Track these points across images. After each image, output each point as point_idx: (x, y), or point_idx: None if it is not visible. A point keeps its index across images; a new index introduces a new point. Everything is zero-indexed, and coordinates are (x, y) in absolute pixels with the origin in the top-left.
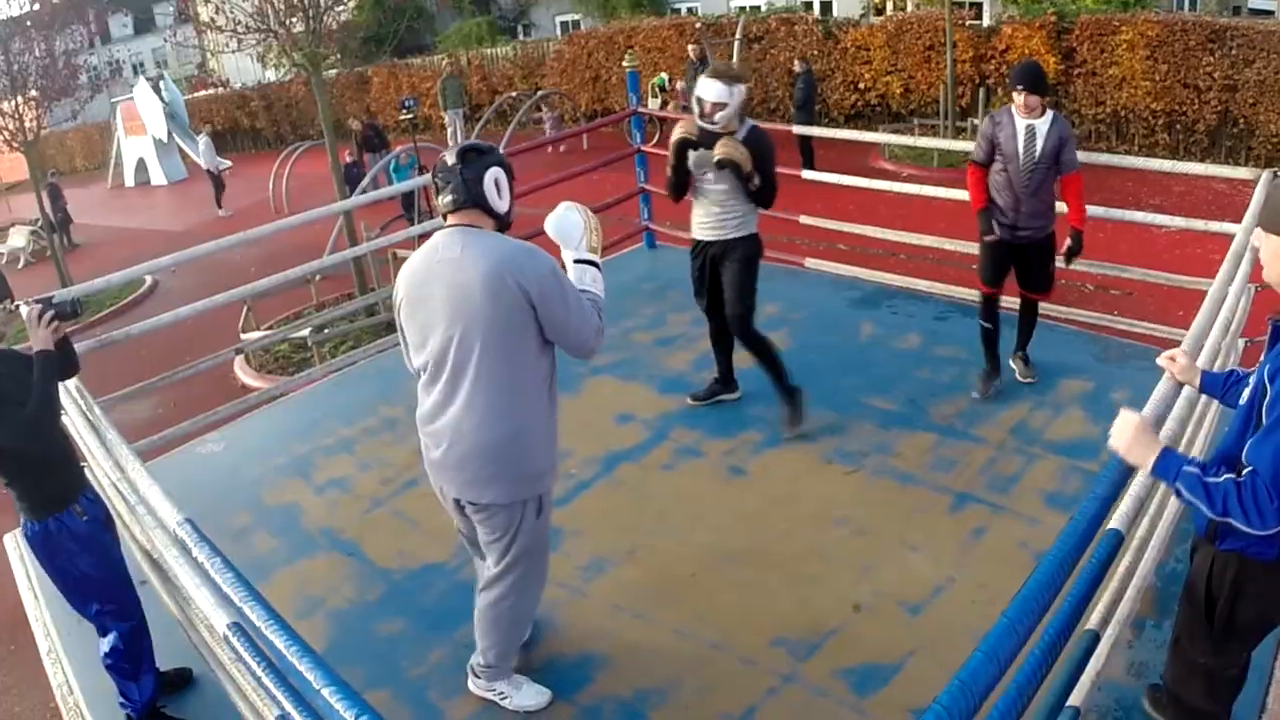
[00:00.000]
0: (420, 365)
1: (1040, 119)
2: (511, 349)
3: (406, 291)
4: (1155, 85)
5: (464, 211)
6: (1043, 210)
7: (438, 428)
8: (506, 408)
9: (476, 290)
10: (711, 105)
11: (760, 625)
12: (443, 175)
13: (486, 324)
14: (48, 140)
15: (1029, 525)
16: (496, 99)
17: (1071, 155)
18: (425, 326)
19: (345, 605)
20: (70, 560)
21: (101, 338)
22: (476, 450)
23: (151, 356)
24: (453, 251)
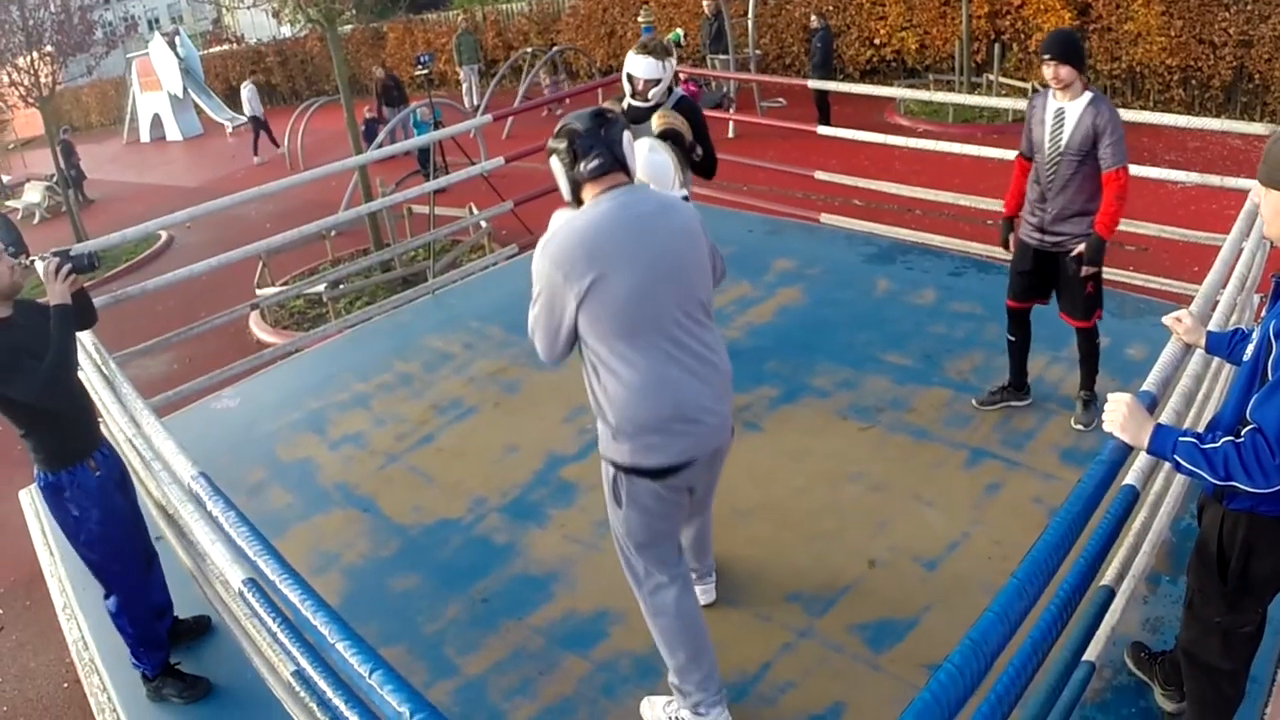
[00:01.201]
0: (622, 324)
1: (1073, 100)
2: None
3: (599, 253)
4: (1170, 41)
5: (611, 175)
6: (1074, 213)
7: (703, 383)
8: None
9: (692, 236)
10: (644, 82)
11: (775, 581)
12: (584, 140)
13: (704, 265)
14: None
15: (1044, 481)
16: (512, 55)
17: (1115, 147)
18: (639, 282)
19: (360, 561)
20: (80, 515)
21: (117, 293)
22: (729, 386)
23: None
24: (647, 205)
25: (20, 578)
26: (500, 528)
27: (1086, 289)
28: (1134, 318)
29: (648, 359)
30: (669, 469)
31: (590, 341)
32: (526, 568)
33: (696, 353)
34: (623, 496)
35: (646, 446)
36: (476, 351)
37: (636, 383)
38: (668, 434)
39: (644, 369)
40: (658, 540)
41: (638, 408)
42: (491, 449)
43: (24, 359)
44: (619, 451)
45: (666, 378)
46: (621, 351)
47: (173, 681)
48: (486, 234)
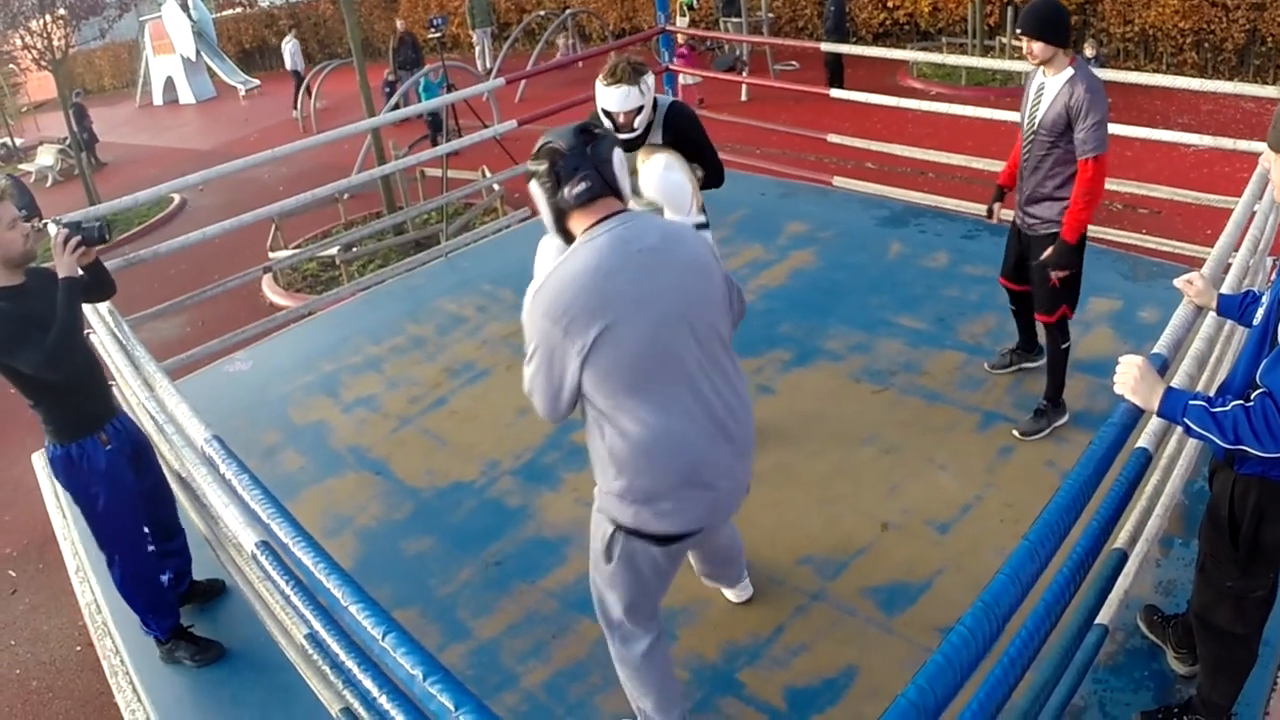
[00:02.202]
0: (634, 378)
1: (1054, 76)
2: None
3: (602, 301)
4: (1183, 4)
5: (602, 201)
6: (1044, 197)
7: (724, 441)
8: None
9: (704, 270)
10: (625, 115)
11: (788, 544)
12: (568, 161)
13: (721, 301)
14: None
15: (1056, 444)
16: (525, 18)
17: (1089, 133)
18: (652, 330)
19: (373, 524)
20: (88, 489)
21: (130, 256)
22: (751, 441)
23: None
24: (649, 238)
25: (33, 541)
26: (513, 491)
27: (1050, 282)
28: (1146, 280)
29: (661, 415)
30: (675, 537)
31: (596, 399)
32: (539, 530)
33: (714, 405)
34: (615, 554)
35: (656, 513)
36: (489, 314)
37: (648, 443)
38: (680, 500)
39: (657, 427)
40: (642, 601)
41: (649, 472)
42: (504, 412)
43: (31, 330)
44: (622, 513)
45: (682, 437)
46: (631, 408)
47: (185, 645)
48: (499, 197)
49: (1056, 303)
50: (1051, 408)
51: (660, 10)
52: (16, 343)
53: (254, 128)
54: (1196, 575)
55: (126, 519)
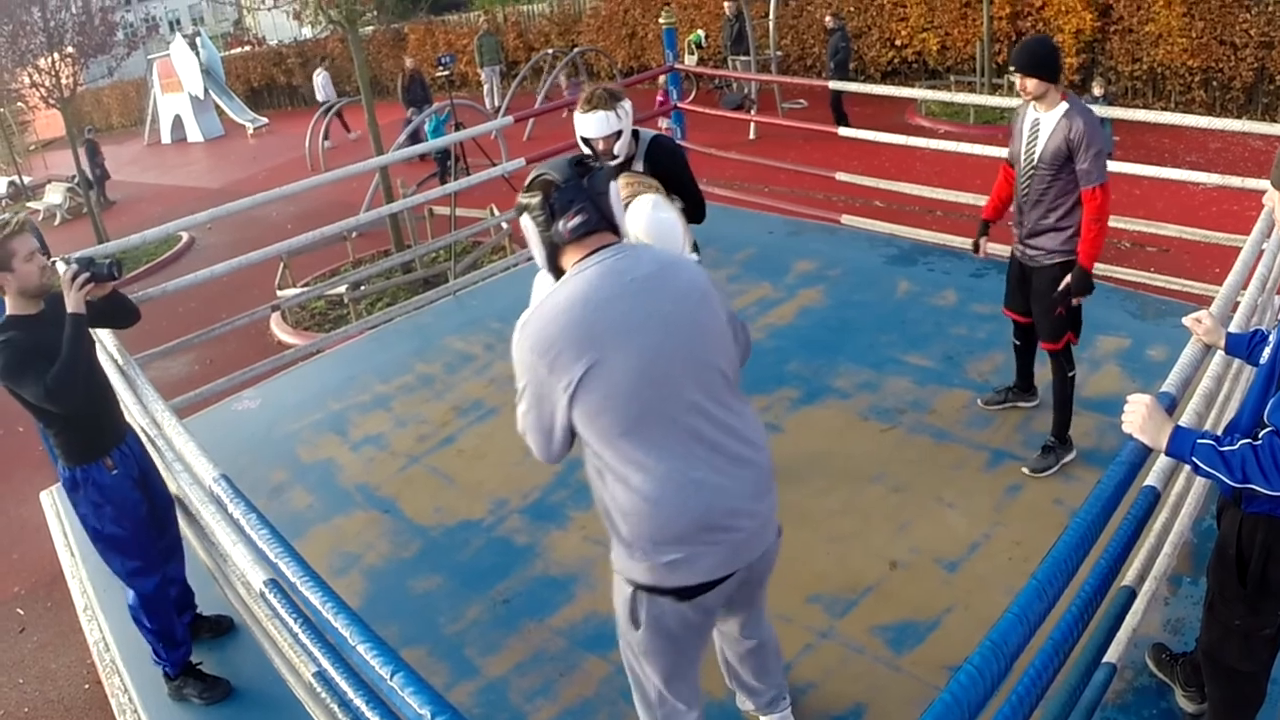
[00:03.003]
0: (628, 416)
1: (1049, 111)
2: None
3: (589, 334)
4: (1192, 42)
5: (597, 235)
6: (1047, 229)
7: (735, 481)
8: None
9: (704, 299)
10: (604, 141)
11: (797, 582)
12: (564, 194)
13: (722, 333)
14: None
15: (1065, 482)
16: (533, 56)
17: (1091, 164)
18: (645, 364)
19: (381, 562)
20: (95, 512)
21: (138, 294)
22: (770, 478)
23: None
24: (644, 266)
25: (42, 579)
26: (521, 529)
27: (1056, 310)
28: (1155, 319)
29: (663, 459)
30: (699, 587)
31: (591, 442)
32: (547, 569)
33: (723, 444)
34: (641, 618)
35: (670, 565)
36: (497, 353)
37: (651, 491)
38: (695, 546)
39: (659, 473)
40: (681, 667)
41: (655, 521)
42: (512, 450)
43: (37, 361)
44: (636, 569)
45: (688, 481)
46: (629, 453)
47: (194, 681)
48: (507, 235)
49: (1061, 330)
50: (1059, 444)
51: (668, 49)
52: (22, 372)
53: (262, 166)
54: (1204, 612)
55: (134, 541)
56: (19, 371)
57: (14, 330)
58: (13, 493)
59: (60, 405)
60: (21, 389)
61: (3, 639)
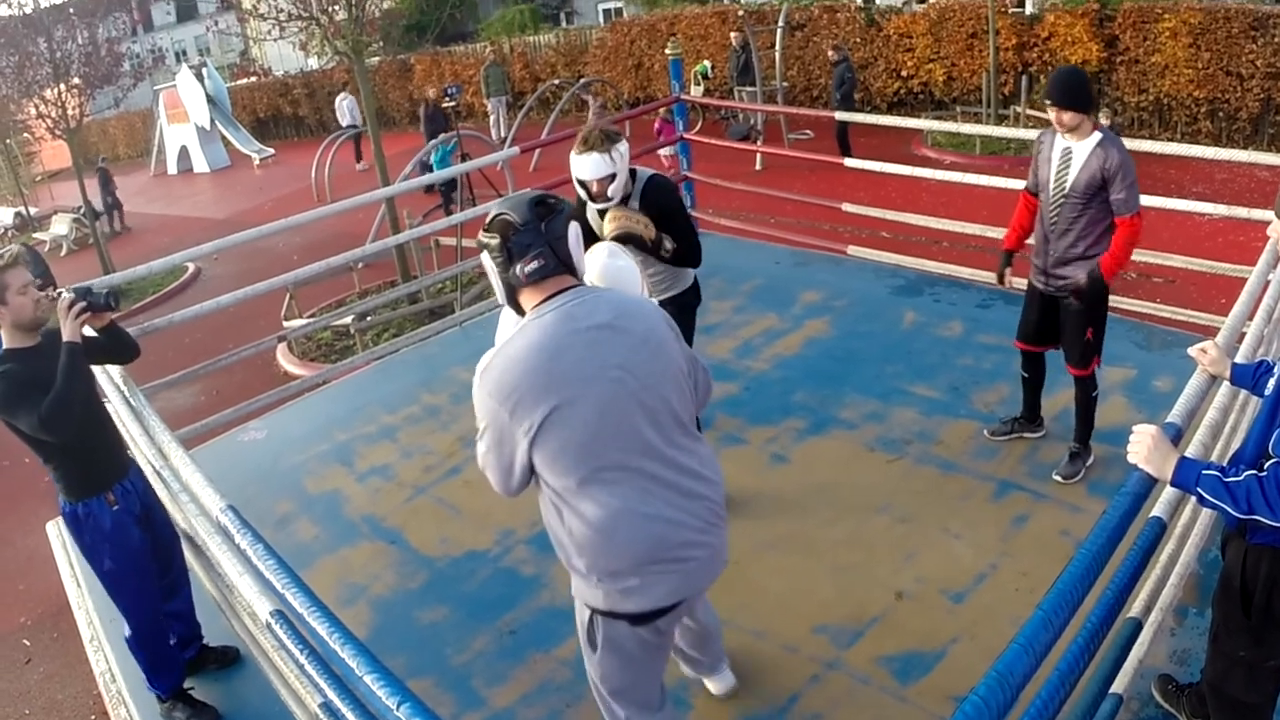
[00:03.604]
0: (586, 458)
1: (1081, 140)
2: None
3: (547, 382)
4: (1198, 73)
5: (554, 279)
6: (1077, 258)
7: (688, 514)
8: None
9: (659, 345)
10: (598, 183)
11: (803, 613)
12: (521, 238)
13: (676, 377)
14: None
15: (1071, 513)
16: (539, 86)
17: (1127, 193)
18: (600, 409)
19: (387, 593)
20: (94, 546)
21: (144, 325)
22: (721, 510)
23: (194, 344)
24: (600, 314)
25: (48, 610)
26: (527, 559)
27: (1085, 335)
28: (1161, 350)
29: (618, 495)
30: (653, 613)
31: (550, 480)
32: (554, 599)
33: (675, 481)
34: (598, 640)
35: (624, 591)
36: None
37: (606, 524)
38: (648, 576)
39: (614, 508)
40: (639, 686)
41: (610, 552)
42: None
43: (32, 393)
44: (593, 595)
45: (641, 515)
46: (586, 490)
47: (182, 706)
48: None
49: (1089, 356)
50: (1084, 449)
51: (675, 79)
52: (17, 404)
53: (268, 196)
54: (1209, 644)
55: (134, 578)
56: (14, 403)
57: (10, 363)
58: (20, 523)
59: (55, 436)
60: (17, 420)
61: (9, 670)
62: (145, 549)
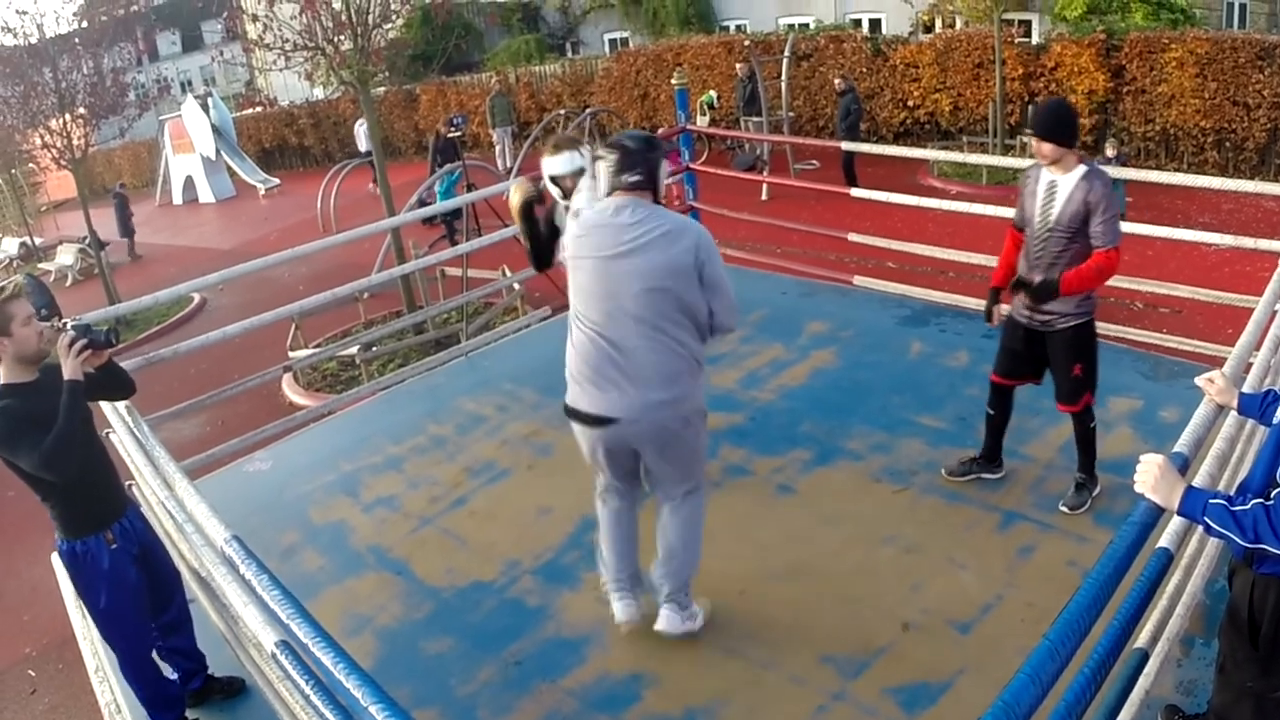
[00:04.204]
0: (581, 297)
1: (1066, 174)
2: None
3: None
4: (1205, 103)
5: (636, 191)
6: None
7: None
8: None
9: (667, 254)
10: (571, 179)
11: (809, 643)
12: (630, 156)
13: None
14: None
15: (1077, 543)
16: (545, 116)
17: (1105, 226)
18: (600, 273)
19: (393, 624)
20: (92, 585)
21: (149, 355)
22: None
23: (199, 374)
24: (636, 217)
25: (53, 641)
26: (533, 590)
27: (1073, 371)
28: (1168, 380)
29: (584, 329)
30: (576, 413)
31: (571, 300)
32: (559, 630)
33: (617, 339)
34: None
35: (569, 391)
36: (510, 414)
37: (573, 342)
38: (575, 386)
39: (578, 335)
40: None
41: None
42: (524, 512)
43: (32, 430)
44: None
45: (587, 346)
46: (576, 317)
47: None
48: (519, 296)
49: (1078, 393)
50: (1089, 479)
51: (680, 109)
52: (16, 441)
53: (274, 227)
54: (1216, 674)
55: (128, 618)
56: (14, 440)
57: (9, 398)
58: (25, 554)
59: (56, 474)
60: (17, 458)
61: (14, 701)
62: (141, 588)
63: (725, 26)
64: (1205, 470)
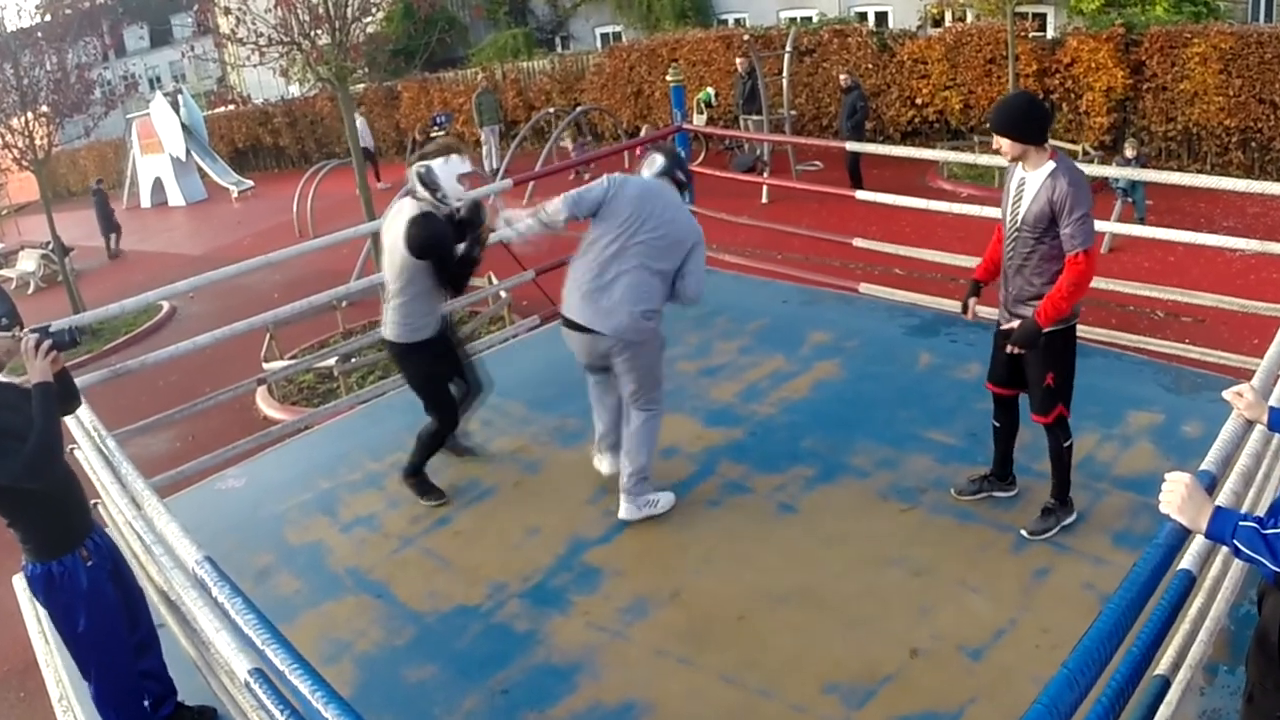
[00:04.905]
0: (593, 235)
1: (1034, 170)
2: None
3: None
4: (1229, 100)
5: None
6: (1032, 296)
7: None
8: None
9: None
10: (470, 181)
11: (812, 671)
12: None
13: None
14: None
15: (1095, 565)
16: (533, 115)
17: (1075, 227)
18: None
19: (373, 649)
20: (69, 608)
21: (116, 367)
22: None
23: (169, 387)
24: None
25: (14, 667)
26: (521, 615)
27: (1045, 381)
28: (1190, 393)
29: (585, 254)
30: (568, 320)
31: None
32: (548, 657)
33: (603, 270)
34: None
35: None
36: (495, 429)
37: (574, 262)
38: (572, 299)
39: (579, 258)
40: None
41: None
42: (511, 532)
43: (6, 440)
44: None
45: (582, 269)
46: (586, 243)
47: None
48: (506, 305)
49: (1052, 403)
50: (1059, 506)
51: (676, 107)
52: None
53: (247, 231)
54: (1243, 704)
55: (110, 638)
56: None
57: None
58: None
59: (39, 480)
60: None
61: None
62: (119, 606)
63: (724, 20)
64: (1229, 489)
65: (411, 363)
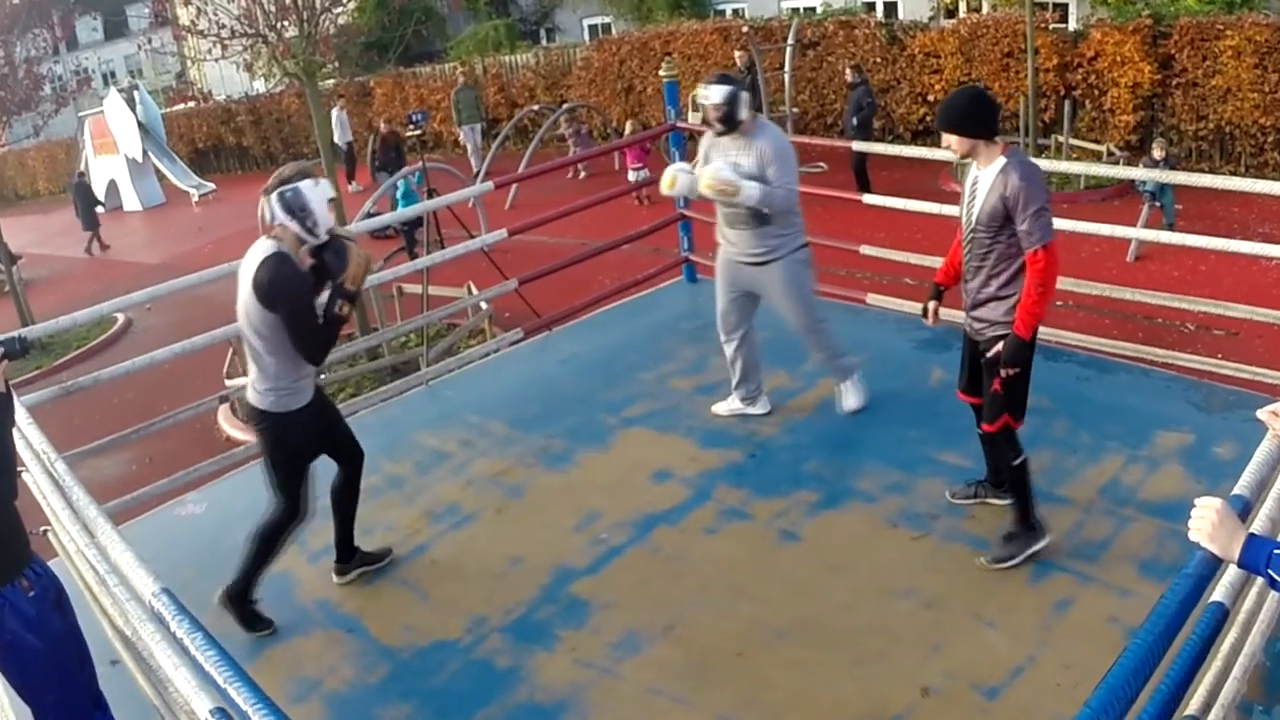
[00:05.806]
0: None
1: (986, 167)
2: None
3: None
4: (1265, 97)
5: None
6: (989, 298)
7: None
8: None
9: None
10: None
11: (816, 710)
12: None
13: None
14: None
15: (1120, 597)
16: (516, 113)
17: (1031, 223)
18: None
19: (344, 688)
20: (17, 640)
21: (67, 384)
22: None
23: (124, 405)
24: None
25: None
26: (502, 650)
27: (993, 386)
28: (1223, 412)
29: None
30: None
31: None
32: (532, 695)
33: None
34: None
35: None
36: (476, 450)
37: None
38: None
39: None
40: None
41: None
42: (493, 561)
43: None
44: None
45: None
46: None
47: None
48: (487, 316)
49: (997, 411)
50: (1024, 530)
51: (670, 104)
52: None
53: (209, 237)
54: None
55: (60, 669)
56: None
57: None
58: None
59: None
60: None
61: None
62: (66, 636)
63: (721, 11)
64: (1265, 514)
65: (279, 436)
